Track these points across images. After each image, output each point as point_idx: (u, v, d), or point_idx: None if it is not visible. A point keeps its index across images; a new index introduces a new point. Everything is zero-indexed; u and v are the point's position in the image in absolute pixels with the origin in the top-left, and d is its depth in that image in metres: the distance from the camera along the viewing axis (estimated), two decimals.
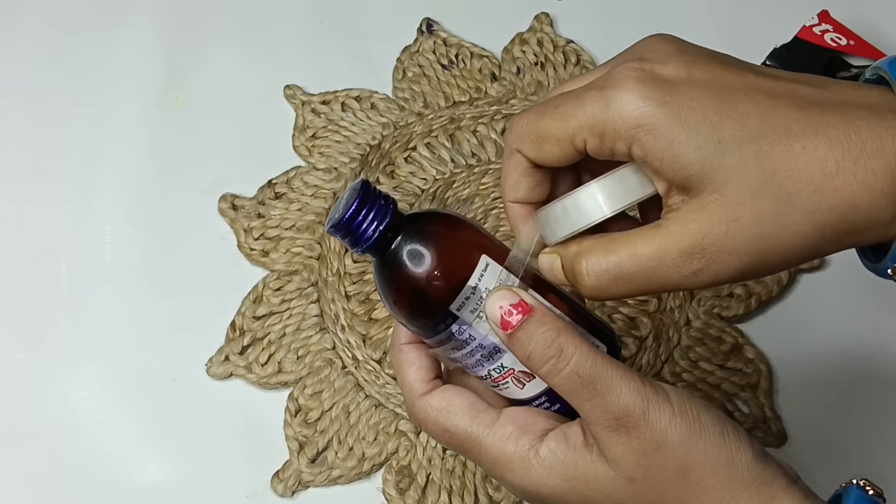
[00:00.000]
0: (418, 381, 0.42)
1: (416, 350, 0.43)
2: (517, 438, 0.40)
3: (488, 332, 0.40)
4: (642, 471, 0.38)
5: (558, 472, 0.39)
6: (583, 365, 0.38)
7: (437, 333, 0.40)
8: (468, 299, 0.39)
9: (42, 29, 0.75)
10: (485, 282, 0.39)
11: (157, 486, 0.59)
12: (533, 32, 0.73)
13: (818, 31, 0.65)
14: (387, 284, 0.40)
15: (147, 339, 0.63)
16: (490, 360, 0.41)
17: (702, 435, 0.38)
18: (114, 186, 0.69)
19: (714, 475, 0.38)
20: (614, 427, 0.38)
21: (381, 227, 0.39)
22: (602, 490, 0.39)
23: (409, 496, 0.58)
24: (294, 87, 0.71)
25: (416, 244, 0.39)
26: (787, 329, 0.62)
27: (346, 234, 0.39)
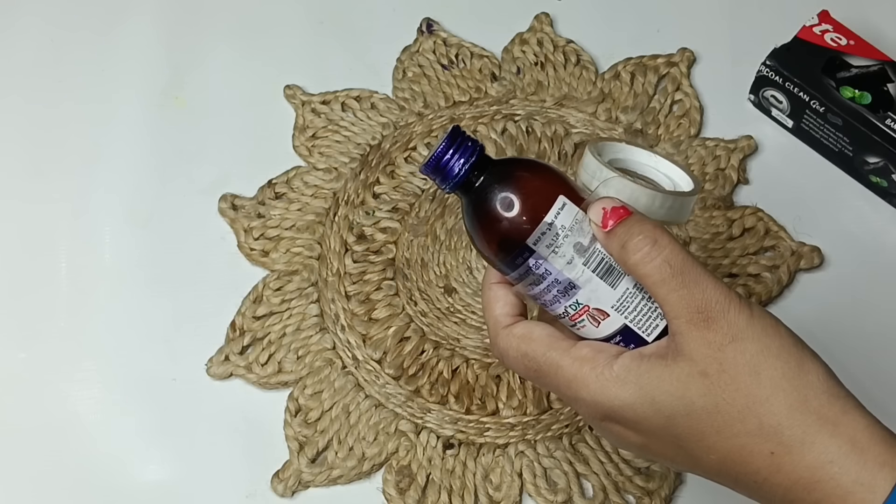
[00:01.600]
0: (503, 315, 0.45)
1: (504, 288, 0.45)
2: (593, 358, 0.42)
3: (563, 268, 0.42)
4: (716, 365, 0.39)
5: (632, 381, 0.41)
6: (675, 257, 0.40)
7: (516, 268, 0.43)
8: (544, 234, 0.42)
9: (42, 29, 0.75)
10: (561, 219, 0.42)
11: (157, 486, 0.59)
12: (533, 32, 0.73)
13: (818, 31, 0.65)
14: (472, 221, 0.43)
15: (147, 339, 0.63)
16: (566, 296, 0.43)
17: (777, 338, 0.40)
18: (114, 186, 0.69)
19: (785, 377, 0.39)
20: (695, 319, 0.39)
21: (466, 166, 0.43)
22: (674, 391, 0.40)
23: (409, 496, 0.58)
24: (294, 87, 0.71)
25: (499, 182, 0.43)
26: None
27: (436, 172, 0.43)
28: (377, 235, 0.66)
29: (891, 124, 0.62)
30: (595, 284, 0.42)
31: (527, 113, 0.70)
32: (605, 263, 0.42)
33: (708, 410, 0.39)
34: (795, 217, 0.65)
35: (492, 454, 0.59)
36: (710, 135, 0.69)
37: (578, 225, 0.42)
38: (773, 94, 0.67)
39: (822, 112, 0.64)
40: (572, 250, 0.42)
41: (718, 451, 0.40)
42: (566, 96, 0.70)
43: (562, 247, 0.42)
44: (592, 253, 0.42)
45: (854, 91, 0.63)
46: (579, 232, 0.42)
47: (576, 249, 0.42)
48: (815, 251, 0.64)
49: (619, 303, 0.42)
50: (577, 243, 0.42)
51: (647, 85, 0.70)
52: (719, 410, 0.39)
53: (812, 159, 0.68)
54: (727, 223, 0.65)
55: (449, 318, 0.63)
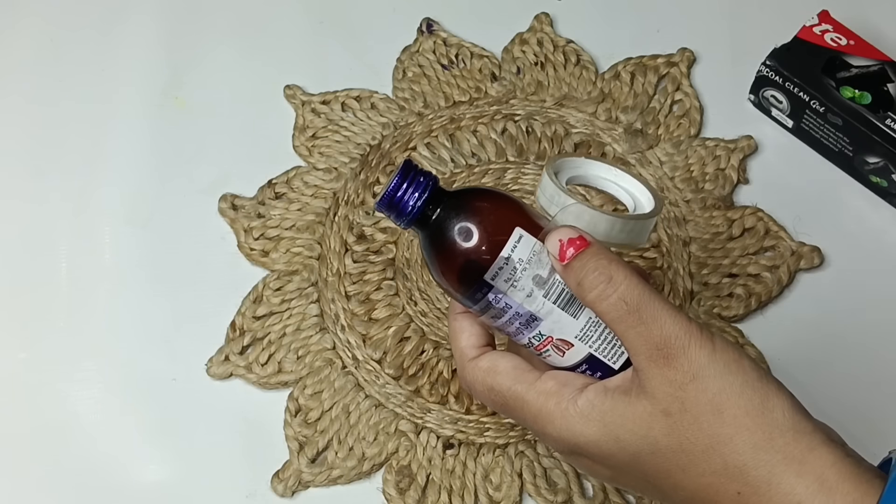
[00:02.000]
0: (469, 347, 0.45)
1: (470, 318, 0.45)
2: (557, 392, 0.42)
3: (523, 301, 0.42)
4: (677, 404, 0.38)
5: (595, 418, 0.40)
6: (631, 293, 0.39)
7: (476, 302, 0.43)
8: (501, 269, 0.41)
9: (42, 29, 0.75)
10: (518, 252, 0.41)
11: (157, 486, 0.59)
12: (533, 32, 0.73)
13: (818, 31, 0.65)
14: (430, 255, 0.43)
15: (147, 338, 0.63)
16: (528, 328, 0.42)
17: (740, 374, 0.38)
18: (114, 186, 0.69)
19: (748, 415, 0.38)
20: (655, 357, 0.39)
21: (420, 201, 0.42)
22: (638, 430, 0.39)
23: (409, 496, 0.58)
24: (294, 87, 0.71)
25: (454, 217, 0.42)
26: (787, 329, 0.62)
27: (391, 209, 0.43)
28: (377, 235, 0.66)
29: (891, 124, 0.62)
30: (557, 316, 0.42)
31: (527, 113, 0.70)
32: (566, 294, 0.42)
33: (672, 449, 0.39)
34: (795, 217, 0.65)
35: (492, 454, 0.59)
36: (710, 135, 0.69)
37: (536, 257, 0.42)
38: (773, 94, 0.67)
39: (822, 112, 0.64)
40: (531, 283, 0.41)
41: (686, 489, 0.40)
42: (566, 96, 0.70)
43: (520, 280, 0.41)
44: (552, 285, 0.42)
45: (854, 91, 0.63)
46: (537, 264, 0.42)
47: (535, 282, 0.42)
48: (815, 251, 0.64)
49: (582, 332, 0.42)
50: (535, 276, 0.42)
51: (647, 85, 0.70)
52: (683, 450, 0.39)
53: (812, 159, 0.68)
54: (727, 223, 0.65)
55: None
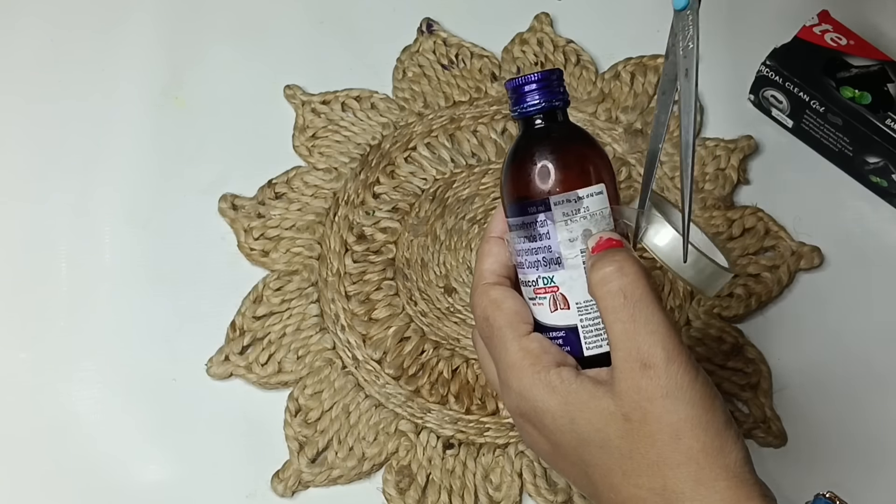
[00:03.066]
0: (489, 272, 0.45)
1: (500, 246, 0.45)
2: (538, 355, 0.42)
3: (562, 241, 0.43)
4: (640, 413, 0.39)
5: (560, 392, 0.41)
6: (634, 289, 0.40)
7: (524, 214, 0.43)
8: (568, 202, 0.43)
9: (42, 29, 0.75)
10: (589, 201, 0.43)
11: (157, 486, 0.59)
12: (533, 32, 0.73)
13: (818, 31, 0.65)
14: (516, 154, 0.44)
15: (147, 339, 0.63)
16: (546, 268, 0.43)
17: (710, 412, 0.39)
18: (114, 186, 0.69)
19: (703, 452, 0.39)
20: (633, 360, 0.39)
21: (542, 104, 0.44)
22: (595, 422, 0.40)
23: (409, 496, 0.58)
24: (294, 87, 0.71)
25: (560, 138, 0.44)
26: (787, 329, 0.62)
27: (515, 93, 0.44)
28: (377, 235, 0.66)
29: (891, 124, 0.62)
30: (577, 274, 0.43)
31: None
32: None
33: (621, 452, 0.40)
34: (795, 217, 0.65)
35: (492, 454, 0.59)
36: (710, 135, 0.69)
37: (599, 215, 0.43)
38: (773, 94, 0.67)
39: (822, 112, 0.64)
40: (580, 232, 0.43)
41: (619, 493, 0.40)
42: None
43: (575, 223, 0.43)
44: None
45: (854, 91, 0.63)
46: (595, 223, 0.43)
47: (583, 234, 0.43)
48: (815, 251, 0.64)
49: (584, 303, 0.43)
50: (587, 230, 0.43)
51: (646, 85, 0.70)
52: (632, 457, 0.39)
53: (812, 159, 0.68)
54: (727, 223, 0.65)
55: (449, 318, 0.63)
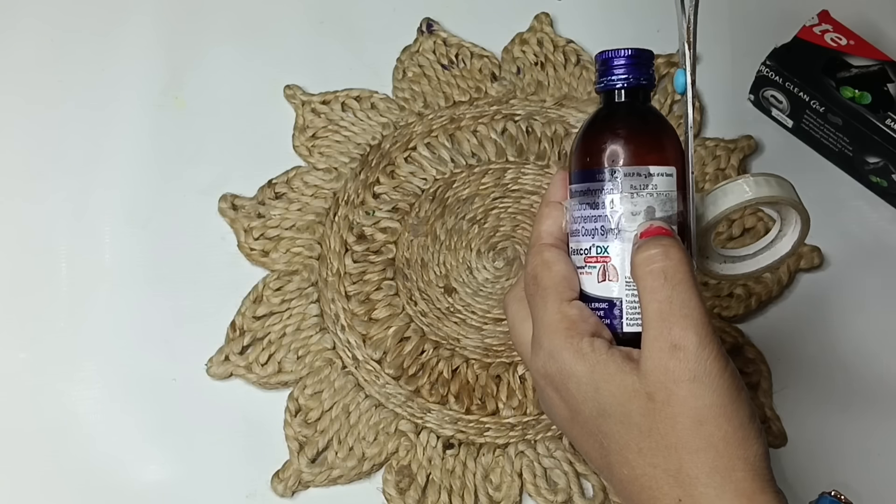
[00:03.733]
0: (547, 233, 0.46)
1: (559, 210, 0.46)
2: (576, 321, 0.43)
3: (623, 213, 0.44)
4: (665, 394, 0.39)
5: (589, 362, 0.41)
6: (676, 272, 0.41)
7: (591, 180, 0.44)
8: (638, 176, 0.44)
9: (42, 29, 0.75)
10: (659, 179, 0.44)
11: (157, 486, 0.59)
12: (533, 32, 0.73)
13: (818, 31, 0.65)
14: (597, 122, 0.46)
15: (147, 339, 0.63)
16: (603, 237, 0.44)
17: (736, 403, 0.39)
18: (114, 186, 0.69)
19: (723, 441, 0.39)
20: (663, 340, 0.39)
21: (628, 82, 0.45)
22: (618, 395, 0.40)
23: (409, 496, 0.58)
24: (294, 87, 0.71)
25: (646, 115, 0.46)
26: (787, 329, 0.62)
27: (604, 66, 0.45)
28: (377, 235, 0.66)
29: (891, 124, 0.62)
30: (630, 248, 0.43)
31: (527, 113, 0.70)
32: None
33: (641, 430, 0.40)
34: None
35: (492, 454, 0.59)
36: (710, 135, 0.69)
37: (666, 196, 0.44)
38: (773, 94, 0.67)
39: (822, 112, 0.64)
40: (643, 207, 0.43)
41: (633, 470, 0.40)
42: (566, 96, 0.70)
43: (640, 197, 0.43)
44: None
45: (854, 91, 0.63)
46: (660, 202, 0.44)
47: (646, 210, 0.43)
48: (815, 251, 0.64)
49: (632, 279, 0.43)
50: (650, 207, 0.43)
51: None
52: (651, 435, 0.39)
53: (812, 159, 0.68)
54: (727, 223, 0.65)
55: (449, 318, 0.63)
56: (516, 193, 0.67)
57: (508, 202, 0.66)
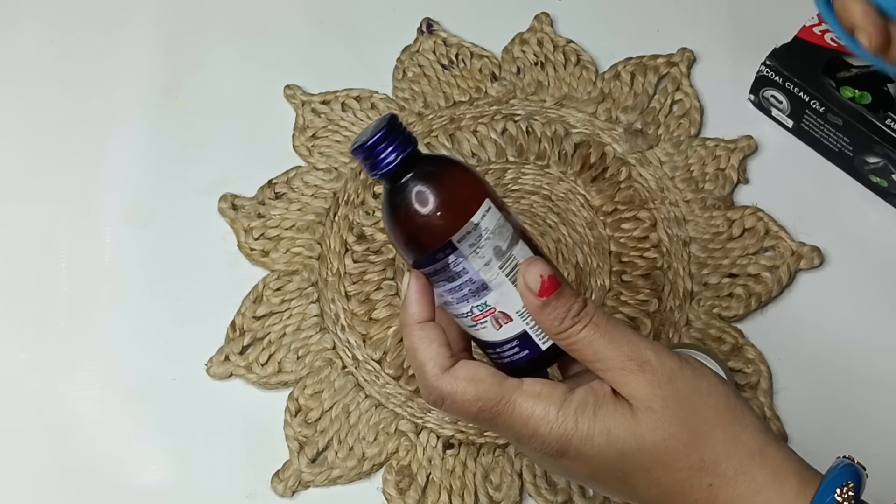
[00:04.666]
0: (442, 357, 0.44)
1: (434, 327, 0.45)
2: (549, 393, 0.43)
3: (480, 269, 0.43)
4: (660, 401, 0.41)
5: (590, 413, 0.42)
6: (599, 319, 0.42)
7: (434, 262, 0.43)
8: (469, 233, 0.42)
9: (42, 29, 0.75)
10: (486, 221, 0.43)
11: (157, 486, 0.59)
12: (533, 32, 0.73)
13: (818, 31, 0.65)
14: (396, 212, 0.43)
15: (147, 339, 0.63)
16: (476, 297, 0.43)
17: (705, 380, 0.42)
18: (114, 186, 0.69)
19: (718, 414, 0.42)
20: (629, 367, 0.41)
21: (398, 159, 0.43)
22: (628, 425, 0.42)
23: (409, 496, 0.58)
24: (294, 87, 0.71)
25: (430, 177, 0.43)
26: (787, 329, 0.62)
27: (367, 158, 0.43)
28: (377, 235, 0.66)
29: (891, 124, 0.62)
30: (506, 288, 0.43)
31: (527, 113, 0.70)
32: (518, 270, 0.43)
33: (657, 445, 0.41)
34: (795, 217, 0.65)
35: (492, 454, 0.59)
36: (710, 135, 0.69)
37: (499, 229, 0.43)
38: (773, 94, 0.67)
39: (822, 112, 0.64)
40: (492, 252, 0.43)
41: (661, 485, 0.42)
42: (566, 96, 0.70)
43: (483, 248, 0.43)
44: (509, 258, 0.43)
45: (854, 91, 0.63)
46: (499, 236, 0.43)
47: (495, 252, 0.43)
48: (815, 251, 0.64)
49: (523, 309, 0.43)
50: (496, 247, 0.43)
51: (647, 85, 0.70)
52: (666, 445, 0.41)
53: (812, 159, 0.68)
54: (727, 223, 0.65)
55: None
56: (516, 193, 0.67)
57: (509, 202, 0.66)
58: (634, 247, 0.65)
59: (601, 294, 0.63)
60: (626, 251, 0.64)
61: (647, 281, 0.63)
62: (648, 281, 0.63)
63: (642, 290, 0.63)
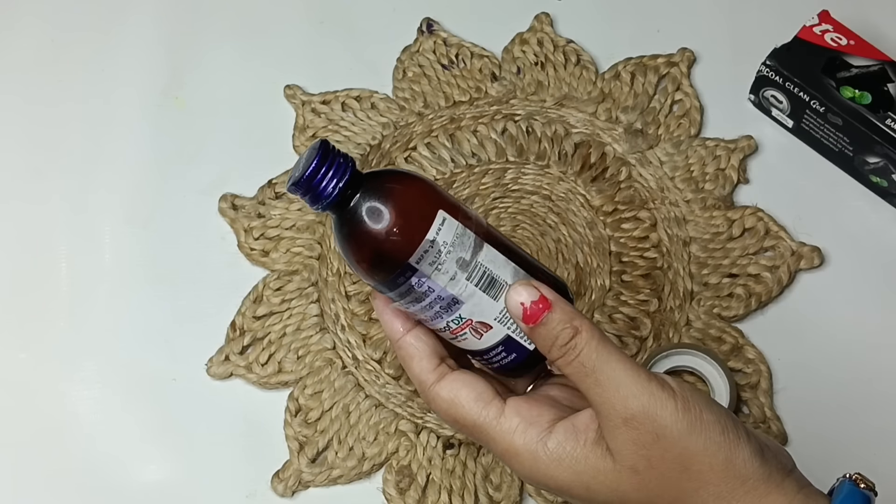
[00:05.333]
0: (425, 373, 0.43)
1: (415, 339, 0.44)
2: (524, 431, 0.41)
3: (446, 284, 0.41)
4: (644, 462, 0.39)
5: (567, 465, 0.40)
6: (588, 356, 0.40)
7: (397, 286, 0.41)
8: (427, 252, 0.40)
9: (42, 29, 0.75)
10: (442, 235, 0.40)
11: (157, 486, 0.59)
12: (533, 32, 0.73)
13: (818, 31, 0.65)
14: (347, 241, 0.41)
15: (147, 339, 0.63)
16: (448, 312, 0.42)
17: (703, 432, 0.39)
18: (114, 186, 0.69)
19: (712, 471, 0.39)
20: (614, 417, 0.39)
21: (340, 185, 0.40)
22: (608, 483, 0.40)
23: (409, 496, 0.58)
24: (294, 87, 0.71)
25: (375, 200, 0.40)
26: (787, 329, 0.62)
27: (307, 192, 0.40)
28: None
29: (891, 124, 0.62)
30: (478, 298, 0.41)
31: (527, 113, 0.70)
32: (488, 277, 0.41)
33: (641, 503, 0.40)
34: (795, 217, 0.65)
35: (492, 454, 0.59)
36: (710, 135, 0.69)
37: (459, 239, 0.41)
38: (773, 94, 0.67)
39: (822, 112, 0.64)
40: (455, 266, 0.41)
41: None
42: (566, 96, 0.70)
43: (444, 263, 0.40)
44: (475, 267, 0.41)
45: (854, 91, 0.63)
46: (460, 247, 0.41)
47: (458, 265, 0.41)
48: (815, 251, 0.64)
49: (501, 314, 0.42)
50: (459, 258, 0.41)
51: (647, 85, 0.70)
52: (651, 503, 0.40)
53: (812, 159, 0.68)
54: (727, 223, 0.65)
55: None
56: (516, 193, 0.67)
57: (508, 202, 0.66)
58: (634, 247, 0.65)
59: (601, 294, 0.63)
60: (626, 251, 0.64)
61: (648, 281, 0.63)
62: (648, 281, 0.63)
63: (642, 290, 0.63)
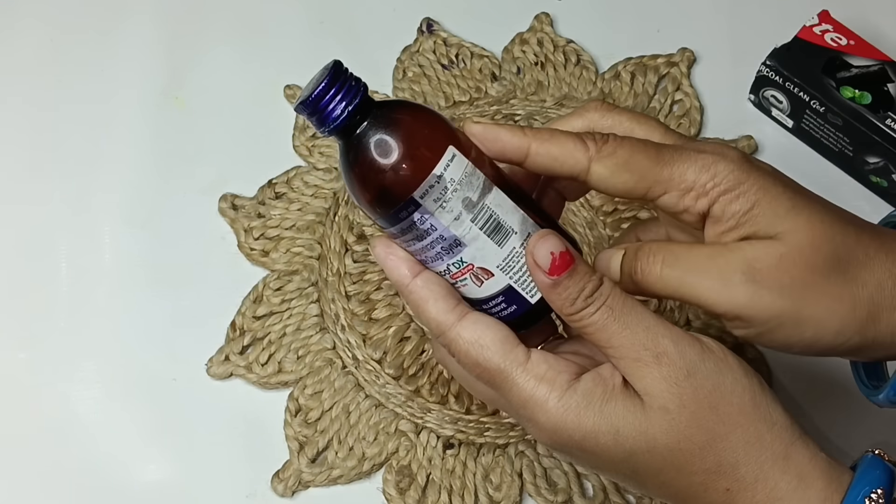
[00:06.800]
0: (443, 313, 0.41)
1: (426, 282, 0.41)
2: (552, 378, 0.40)
3: (450, 224, 0.39)
4: (675, 400, 0.38)
5: (595, 408, 0.39)
6: (614, 300, 0.39)
7: (398, 222, 0.40)
8: (432, 187, 0.39)
9: (42, 29, 0.75)
10: (450, 172, 0.39)
11: (157, 486, 0.59)
12: (533, 32, 0.73)
13: (818, 31, 0.65)
14: (351, 168, 0.40)
15: (147, 339, 0.63)
16: (449, 254, 0.40)
17: (729, 372, 0.39)
18: (114, 186, 0.69)
19: (742, 413, 0.39)
20: (644, 359, 0.38)
21: (349, 109, 0.39)
22: (638, 424, 0.39)
23: (409, 496, 0.58)
24: (294, 87, 0.71)
25: (384, 129, 0.39)
26: None
27: (314, 113, 0.39)
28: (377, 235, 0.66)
29: (891, 124, 0.62)
30: (482, 242, 0.40)
31: (527, 113, 0.70)
32: (494, 221, 0.40)
33: (669, 448, 0.39)
34: None
35: (492, 454, 0.59)
36: (710, 135, 0.69)
37: (468, 178, 0.39)
38: (773, 94, 0.67)
39: (822, 112, 0.64)
40: (461, 206, 0.39)
41: (672, 486, 0.40)
42: (566, 96, 0.70)
43: (450, 202, 0.39)
44: (481, 209, 0.40)
45: (854, 91, 0.63)
46: (468, 186, 0.39)
47: (464, 205, 0.39)
48: None
49: (504, 262, 0.40)
50: (465, 198, 0.39)
51: (647, 85, 0.70)
52: (681, 448, 0.39)
53: (812, 159, 0.68)
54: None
55: None
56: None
57: None
58: None
59: None
60: None
61: None
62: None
63: None
